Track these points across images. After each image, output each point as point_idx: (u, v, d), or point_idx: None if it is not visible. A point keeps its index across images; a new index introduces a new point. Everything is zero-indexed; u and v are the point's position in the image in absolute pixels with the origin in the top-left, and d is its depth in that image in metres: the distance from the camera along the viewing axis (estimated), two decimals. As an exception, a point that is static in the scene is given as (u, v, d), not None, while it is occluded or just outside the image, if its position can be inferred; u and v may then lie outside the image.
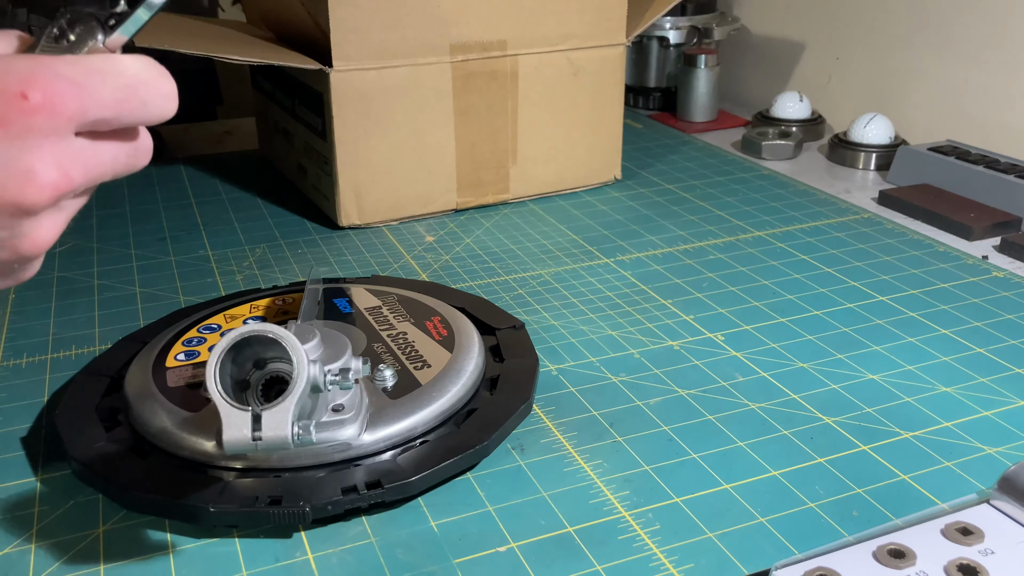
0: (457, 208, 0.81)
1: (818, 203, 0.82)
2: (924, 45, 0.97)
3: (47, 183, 0.27)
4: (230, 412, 0.35)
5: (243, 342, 0.36)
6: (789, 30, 1.15)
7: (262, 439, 0.35)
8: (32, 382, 0.54)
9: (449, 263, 0.71)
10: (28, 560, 0.40)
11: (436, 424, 0.46)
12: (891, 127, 0.93)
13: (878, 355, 0.56)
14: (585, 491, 0.44)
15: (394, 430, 0.44)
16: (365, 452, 0.43)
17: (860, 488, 0.44)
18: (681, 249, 0.73)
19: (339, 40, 0.71)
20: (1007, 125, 0.90)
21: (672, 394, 0.52)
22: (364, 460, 0.43)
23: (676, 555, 0.40)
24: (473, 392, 0.49)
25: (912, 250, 0.71)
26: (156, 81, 0.31)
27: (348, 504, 0.41)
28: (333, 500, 0.41)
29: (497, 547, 0.40)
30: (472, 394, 0.49)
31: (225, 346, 0.36)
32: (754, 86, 1.20)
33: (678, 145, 1.01)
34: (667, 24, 1.12)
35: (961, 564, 0.37)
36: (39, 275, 0.69)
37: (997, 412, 0.50)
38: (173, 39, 0.70)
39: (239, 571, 0.39)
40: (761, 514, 0.42)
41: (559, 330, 0.60)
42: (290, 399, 0.36)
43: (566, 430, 0.49)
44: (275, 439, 0.35)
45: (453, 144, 0.78)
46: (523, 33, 0.78)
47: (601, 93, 0.84)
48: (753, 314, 0.61)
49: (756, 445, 0.47)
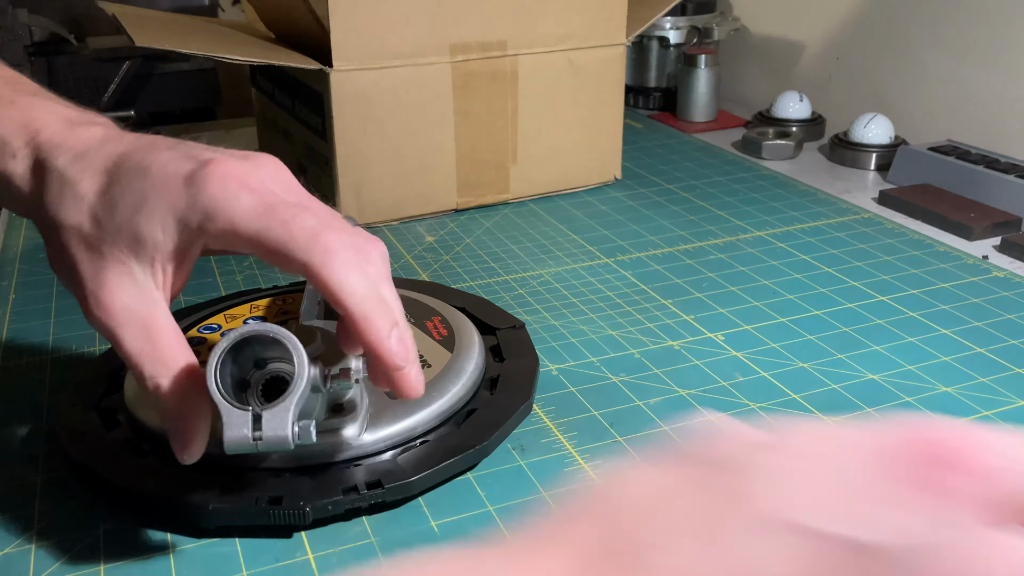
0: (457, 208, 0.81)
1: (818, 203, 0.82)
2: (924, 45, 0.97)
3: None
4: (230, 412, 0.35)
5: (243, 342, 0.36)
6: (789, 30, 1.15)
7: (262, 439, 0.35)
8: (32, 382, 0.54)
9: (449, 263, 0.71)
10: (28, 560, 0.40)
11: (436, 424, 0.46)
12: (891, 127, 0.93)
13: (878, 355, 0.56)
14: (585, 491, 0.44)
15: (394, 430, 0.44)
16: (365, 452, 0.43)
17: (860, 488, 0.44)
18: (681, 249, 0.73)
19: (339, 40, 0.71)
20: (1007, 125, 0.90)
21: (672, 394, 0.52)
22: (364, 460, 0.43)
23: (676, 555, 0.40)
24: (473, 392, 0.49)
25: (912, 250, 0.71)
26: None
27: (348, 504, 0.41)
28: (333, 500, 0.41)
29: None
30: (472, 394, 0.49)
31: (226, 346, 0.36)
32: (754, 86, 1.20)
33: (678, 145, 1.01)
34: (667, 24, 1.12)
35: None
36: (39, 275, 0.69)
37: (997, 412, 0.50)
38: (173, 39, 0.70)
39: (239, 571, 0.39)
40: (761, 514, 0.42)
41: (559, 330, 0.60)
42: (290, 399, 0.35)
43: (566, 430, 0.49)
44: (275, 439, 0.35)
45: (453, 144, 0.78)
46: (523, 33, 0.78)
47: (601, 93, 0.84)
48: (753, 314, 0.61)
49: (756, 445, 0.47)
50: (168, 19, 0.89)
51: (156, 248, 0.37)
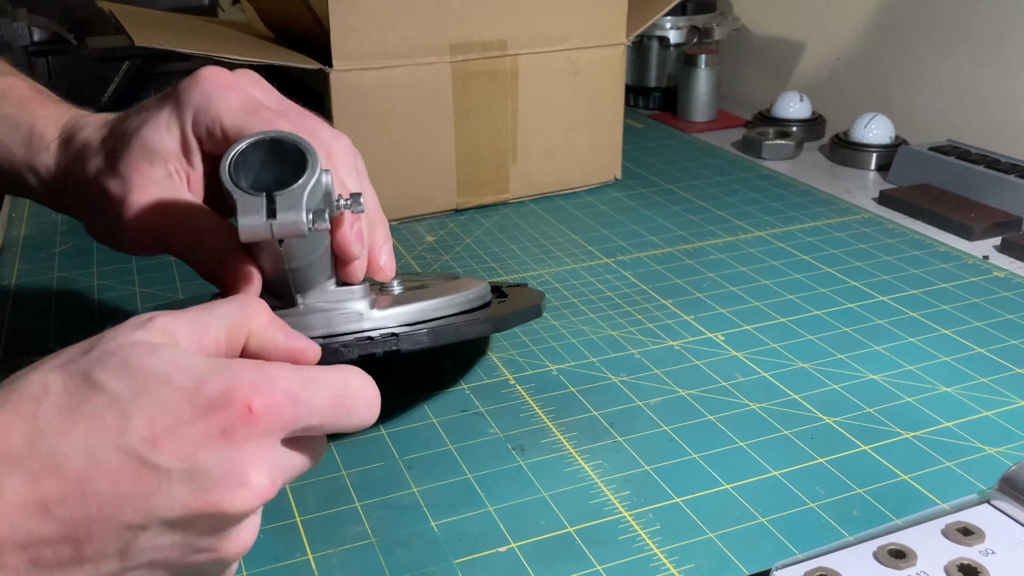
0: (457, 208, 0.81)
1: (818, 203, 0.82)
2: (924, 45, 0.97)
3: (257, 490, 0.28)
4: (244, 198, 0.35)
5: (257, 146, 0.36)
6: (789, 30, 1.15)
7: (277, 221, 0.35)
8: (32, 382, 0.54)
9: (449, 263, 0.71)
10: (28, 560, 0.40)
11: (447, 312, 0.46)
12: (891, 127, 0.93)
13: (878, 355, 0.56)
14: (585, 491, 0.44)
15: (407, 309, 0.44)
16: (376, 326, 0.43)
17: (860, 488, 0.44)
18: (681, 249, 0.73)
19: (339, 40, 0.71)
20: (1007, 125, 0.90)
21: (672, 394, 0.52)
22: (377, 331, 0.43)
23: (676, 555, 0.40)
24: (483, 295, 0.49)
25: (912, 250, 0.71)
26: (363, 389, 0.32)
27: (361, 349, 0.40)
28: (346, 342, 0.40)
29: (497, 547, 0.40)
30: (482, 297, 0.49)
31: (243, 144, 0.36)
32: (754, 86, 1.20)
33: (678, 145, 1.01)
34: (667, 24, 1.12)
35: (962, 564, 0.37)
36: (39, 275, 0.69)
37: (998, 412, 0.50)
38: (173, 39, 0.70)
39: (239, 571, 0.39)
40: (761, 514, 0.42)
41: (559, 330, 0.60)
42: (304, 181, 0.35)
43: (566, 430, 0.49)
44: (289, 222, 0.35)
45: (453, 144, 0.78)
46: (523, 33, 0.78)
47: (601, 93, 0.84)
48: (753, 314, 0.61)
49: (756, 445, 0.47)
50: (168, 19, 0.89)
51: (167, 151, 0.41)
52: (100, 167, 0.42)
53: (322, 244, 0.40)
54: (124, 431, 0.27)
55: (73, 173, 0.44)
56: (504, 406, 0.51)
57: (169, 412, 0.27)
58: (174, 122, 0.41)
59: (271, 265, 0.39)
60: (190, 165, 0.42)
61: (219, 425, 0.27)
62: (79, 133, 0.44)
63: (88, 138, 0.44)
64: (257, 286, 0.39)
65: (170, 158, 0.41)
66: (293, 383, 0.29)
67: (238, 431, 0.28)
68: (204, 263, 0.40)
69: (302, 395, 0.29)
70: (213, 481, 0.27)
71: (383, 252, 0.44)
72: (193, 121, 0.41)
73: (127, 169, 0.41)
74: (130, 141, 0.41)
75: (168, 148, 0.41)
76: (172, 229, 0.40)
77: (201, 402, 0.28)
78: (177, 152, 0.41)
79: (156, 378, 0.28)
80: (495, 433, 0.49)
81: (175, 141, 0.41)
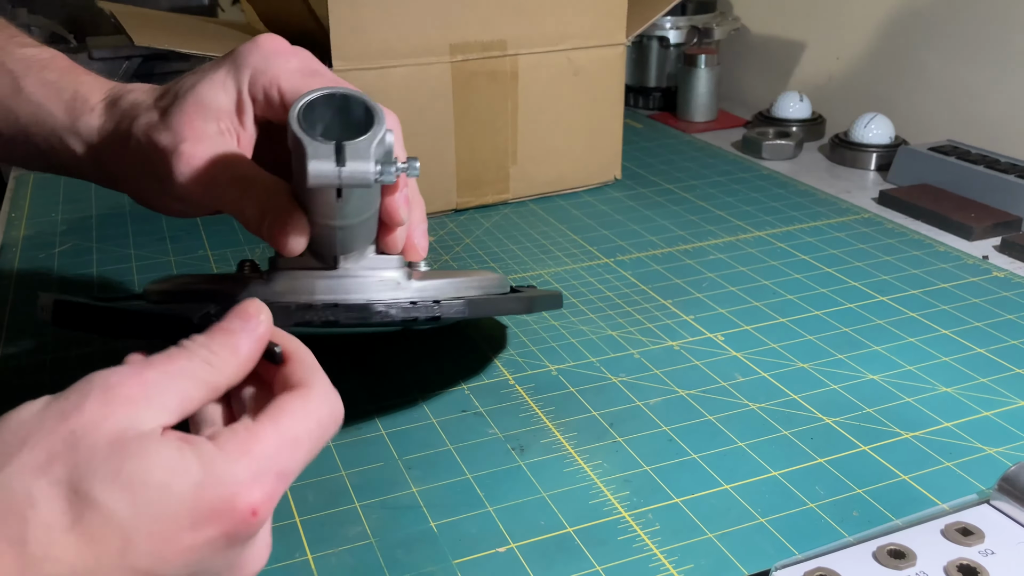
0: (457, 208, 0.81)
1: (818, 203, 0.82)
2: (924, 45, 0.97)
3: (264, 559, 0.30)
4: (313, 144, 0.35)
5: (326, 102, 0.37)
6: (789, 30, 1.15)
7: (346, 168, 0.35)
8: (32, 382, 0.54)
9: (449, 263, 0.71)
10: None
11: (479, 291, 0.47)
12: (891, 127, 0.93)
13: (878, 355, 0.56)
14: (585, 491, 0.44)
15: (441, 283, 0.44)
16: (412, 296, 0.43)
17: (860, 488, 0.44)
18: (681, 249, 0.73)
19: (339, 40, 0.71)
20: (1007, 125, 0.89)
21: (672, 394, 0.52)
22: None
23: (676, 555, 0.40)
24: (504, 284, 0.50)
25: (912, 250, 0.71)
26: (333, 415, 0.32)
27: (404, 313, 0.41)
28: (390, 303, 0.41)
29: (497, 547, 0.40)
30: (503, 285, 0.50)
31: (315, 95, 0.37)
32: (754, 86, 1.20)
33: (678, 145, 1.01)
34: (667, 24, 1.12)
35: (961, 564, 0.37)
36: (39, 275, 0.69)
37: (997, 412, 0.50)
38: (173, 39, 0.70)
39: (239, 571, 0.39)
40: (761, 514, 0.42)
41: (559, 330, 0.60)
42: (373, 132, 0.36)
43: (566, 430, 0.49)
44: (359, 171, 0.35)
45: (453, 144, 0.78)
46: (523, 33, 0.78)
47: (601, 93, 0.84)
48: (753, 314, 0.61)
49: (756, 445, 0.47)
50: (168, 19, 0.89)
51: (220, 109, 0.41)
52: (151, 122, 0.42)
53: (373, 205, 0.40)
54: (126, 551, 0.26)
55: (119, 131, 0.44)
56: (504, 406, 0.51)
57: (172, 525, 0.26)
58: (231, 81, 0.42)
59: (321, 220, 0.39)
60: (242, 125, 0.42)
61: (223, 532, 0.27)
62: (126, 96, 0.45)
63: (137, 99, 0.44)
64: (304, 240, 0.39)
65: (223, 116, 0.41)
66: (282, 456, 0.29)
67: (241, 535, 0.28)
68: (253, 216, 0.40)
69: (291, 465, 0.29)
70: (221, 573, 0.28)
71: (418, 231, 0.45)
72: (250, 81, 0.41)
73: (179, 123, 0.41)
74: (185, 97, 0.42)
75: (222, 106, 0.41)
76: (223, 180, 0.40)
77: (204, 511, 0.27)
78: (231, 111, 0.42)
79: (153, 488, 0.26)
80: (495, 433, 0.49)
81: (230, 100, 0.42)
